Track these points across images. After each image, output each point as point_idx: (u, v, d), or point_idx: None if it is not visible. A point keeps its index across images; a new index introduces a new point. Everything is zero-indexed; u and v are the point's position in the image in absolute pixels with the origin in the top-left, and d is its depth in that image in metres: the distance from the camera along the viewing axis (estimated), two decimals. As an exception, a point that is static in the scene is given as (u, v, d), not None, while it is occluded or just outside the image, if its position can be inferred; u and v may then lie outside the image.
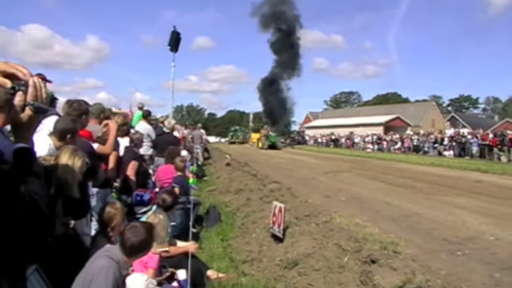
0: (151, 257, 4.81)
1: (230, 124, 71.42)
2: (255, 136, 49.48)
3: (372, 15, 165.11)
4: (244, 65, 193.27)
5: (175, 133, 13.61)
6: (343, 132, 57.72)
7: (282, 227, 6.38)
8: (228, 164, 19.57)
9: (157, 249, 4.95)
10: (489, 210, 9.15)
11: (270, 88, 60.56)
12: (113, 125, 6.22)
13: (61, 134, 4.30)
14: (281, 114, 58.73)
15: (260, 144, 42.74)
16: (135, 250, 3.83)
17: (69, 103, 5.12)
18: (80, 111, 4.77)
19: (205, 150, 24.64)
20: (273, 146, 41.02)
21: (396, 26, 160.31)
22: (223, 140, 78.97)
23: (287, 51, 57.53)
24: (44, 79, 3.68)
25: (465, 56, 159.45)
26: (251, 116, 71.27)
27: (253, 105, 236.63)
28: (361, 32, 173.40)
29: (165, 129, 12.37)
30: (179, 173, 8.45)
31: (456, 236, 6.65)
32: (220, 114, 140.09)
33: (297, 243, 6.09)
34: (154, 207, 6.20)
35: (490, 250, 5.88)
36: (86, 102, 5.37)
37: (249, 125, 65.29)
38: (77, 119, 4.57)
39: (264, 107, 63.09)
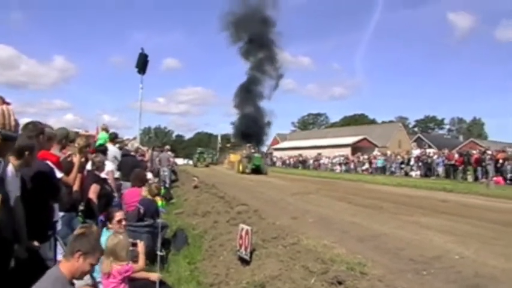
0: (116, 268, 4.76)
1: (198, 146, 70.40)
2: (234, 157, 43.45)
3: (340, 37, 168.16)
4: (212, 86, 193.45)
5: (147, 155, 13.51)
6: (311, 153, 58.21)
7: (248, 250, 6.36)
8: (195, 187, 19.47)
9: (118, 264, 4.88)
10: (454, 229, 9.31)
11: (247, 98, 56.51)
12: (77, 158, 6.21)
13: (19, 152, 4.22)
14: (258, 132, 53.34)
15: (241, 168, 36.57)
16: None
17: (24, 125, 5.07)
18: (35, 131, 4.71)
19: (173, 172, 24.45)
20: (257, 170, 35.18)
21: (363, 48, 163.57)
22: (190, 162, 78.54)
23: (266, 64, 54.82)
24: (3, 101, 3.62)
25: (431, 77, 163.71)
26: (219, 138, 71.02)
27: (222, 127, 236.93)
28: (329, 54, 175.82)
29: (128, 148, 12.27)
30: (148, 196, 8.37)
31: (422, 255, 6.73)
32: (188, 136, 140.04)
33: (263, 265, 6.07)
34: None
35: (455, 269, 5.97)
36: (40, 123, 5.31)
37: (217, 146, 63.91)
38: (33, 136, 4.50)
39: (239, 121, 57.13)
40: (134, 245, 5.49)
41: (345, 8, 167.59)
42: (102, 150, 9.27)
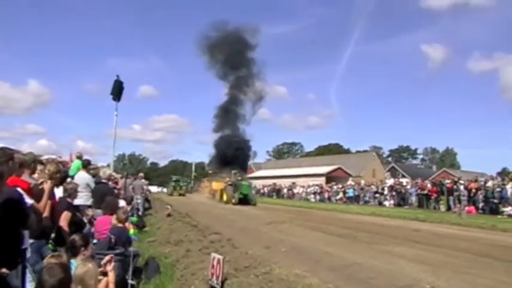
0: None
1: (173, 174, 69.52)
2: (217, 185, 40.59)
3: (315, 68, 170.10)
4: (187, 114, 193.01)
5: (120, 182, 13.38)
6: (285, 182, 58.33)
7: (220, 279, 6.34)
8: (169, 215, 19.34)
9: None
10: (426, 258, 9.43)
11: (227, 119, 53.35)
12: (48, 185, 6.17)
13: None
14: (241, 156, 49.28)
15: (225, 197, 33.50)
16: None
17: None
18: (5, 157, 4.68)
19: (147, 200, 24.23)
20: (244, 200, 31.56)
21: (338, 79, 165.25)
22: (165, 190, 77.70)
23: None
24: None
25: (404, 108, 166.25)
26: (193, 166, 70.62)
27: (196, 155, 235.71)
28: (304, 84, 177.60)
29: (101, 176, 12.16)
30: (119, 224, 8.29)
31: (394, 284, 6.81)
32: (163, 163, 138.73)
33: (235, 295, 6.07)
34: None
35: (426, 298, 6.06)
36: (10, 149, 5.28)
37: (191, 175, 62.78)
38: (2, 163, 4.48)
39: (219, 144, 52.64)
40: (104, 274, 5.43)
41: (319, 39, 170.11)
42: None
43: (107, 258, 5.53)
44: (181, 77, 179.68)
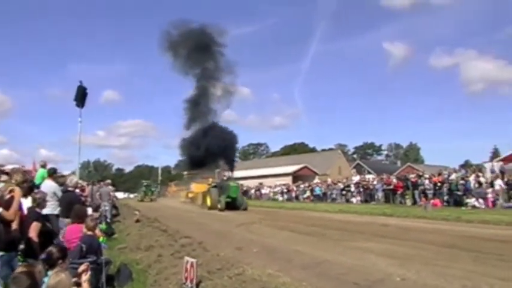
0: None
1: (139, 179, 68.24)
2: (198, 188, 36.42)
3: (278, 67, 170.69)
4: (152, 118, 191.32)
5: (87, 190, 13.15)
6: (252, 183, 58.35)
7: (194, 282, 6.32)
8: (137, 221, 19.11)
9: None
10: (395, 252, 9.62)
11: (199, 112, 46.21)
12: (17, 192, 6.04)
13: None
14: (227, 151, 39.23)
15: (209, 201, 28.59)
16: None
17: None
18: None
19: (114, 207, 23.87)
20: (233, 204, 27.29)
21: (302, 78, 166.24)
22: (132, 195, 76.45)
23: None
24: None
25: (368, 105, 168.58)
26: (160, 170, 69.71)
27: (162, 159, 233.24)
28: (268, 84, 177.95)
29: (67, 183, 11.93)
30: (89, 232, 8.15)
31: (366, 279, 6.91)
32: (128, 169, 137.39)
33: (210, 297, 6.06)
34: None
35: (398, 291, 6.17)
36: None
37: (157, 179, 60.94)
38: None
39: (194, 140, 43.55)
40: (78, 284, 5.34)
41: (282, 39, 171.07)
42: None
43: (82, 267, 5.44)
44: (145, 81, 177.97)
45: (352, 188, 36.89)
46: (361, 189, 35.66)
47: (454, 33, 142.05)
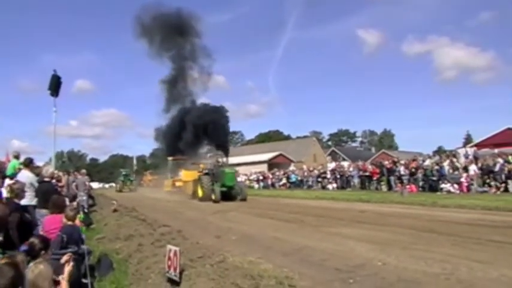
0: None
1: (114, 169, 67.37)
2: (187, 175, 31.91)
3: (252, 55, 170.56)
4: (126, 108, 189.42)
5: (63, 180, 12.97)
6: (227, 171, 58.11)
7: (178, 271, 6.29)
8: (115, 210, 18.96)
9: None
10: (374, 238, 9.72)
11: (178, 94, 43.64)
12: None
13: None
14: (218, 133, 33.05)
15: (201, 191, 25.09)
16: None
17: None
18: None
19: (90, 197, 23.62)
20: (229, 194, 24.41)
21: (276, 66, 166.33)
22: (107, 185, 75.67)
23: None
24: None
25: (342, 92, 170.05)
26: (135, 160, 68.88)
27: (137, 148, 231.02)
28: (243, 72, 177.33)
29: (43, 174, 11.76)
30: (69, 222, 8.04)
31: (347, 264, 6.97)
32: (103, 159, 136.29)
33: (194, 285, 6.03)
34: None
35: (379, 275, 6.23)
36: None
37: (132, 168, 59.54)
38: None
39: (177, 121, 38.82)
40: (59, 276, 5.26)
41: (255, 26, 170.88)
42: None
43: (65, 257, 5.37)
44: (119, 70, 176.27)
45: (328, 175, 37.15)
46: (337, 176, 35.96)
47: (427, 20, 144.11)
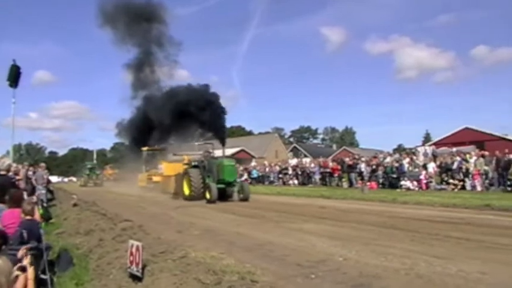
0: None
1: (73, 162, 66.01)
2: (169, 168, 27.27)
3: (216, 50, 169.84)
4: (87, 100, 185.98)
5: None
6: (188, 166, 57.74)
7: (140, 266, 6.22)
8: (75, 205, 18.64)
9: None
10: (335, 233, 9.84)
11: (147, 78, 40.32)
12: None
13: None
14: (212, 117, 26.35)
15: (187, 189, 21.13)
16: None
17: None
18: None
19: (49, 191, 23.12)
20: (224, 192, 20.25)
21: (240, 61, 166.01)
22: (66, 179, 74.19)
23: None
24: None
25: (305, 89, 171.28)
26: (95, 154, 67.61)
27: (98, 142, 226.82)
28: (206, 67, 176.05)
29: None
30: (27, 217, 7.84)
31: (308, 260, 7.02)
32: (62, 152, 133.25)
33: (157, 280, 5.98)
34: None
35: (341, 270, 6.30)
36: None
37: (90, 163, 58.08)
38: None
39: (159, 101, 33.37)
40: (24, 269, 5.14)
41: (220, 21, 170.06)
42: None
43: (20, 252, 5.25)
44: (81, 62, 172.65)
45: (290, 171, 37.42)
46: (299, 172, 36.25)
47: (389, 19, 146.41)
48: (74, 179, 77.61)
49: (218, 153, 24.98)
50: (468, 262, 6.62)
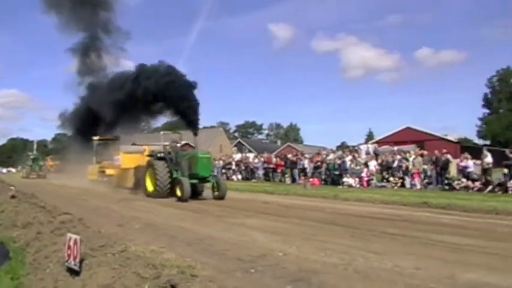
0: None
1: (12, 153, 63.61)
2: (127, 161, 23.87)
3: (163, 42, 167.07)
4: (28, 89, 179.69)
5: None
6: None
7: (78, 260, 6.09)
8: (13, 197, 17.99)
9: None
10: (277, 229, 9.94)
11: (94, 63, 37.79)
12: None
13: None
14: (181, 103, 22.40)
15: (151, 184, 18.72)
16: None
17: None
18: None
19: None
20: (195, 189, 18.06)
21: (186, 54, 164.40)
22: (4, 170, 71.66)
23: None
24: None
25: (251, 84, 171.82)
26: (35, 145, 65.16)
27: (38, 132, 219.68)
28: (152, 59, 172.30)
29: None
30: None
31: (249, 254, 7.07)
32: (0, 142, 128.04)
33: (95, 274, 5.88)
34: None
35: (280, 265, 6.37)
36: None
37: (33, 153, 55.16)
38: None
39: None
40: None
41: (168, 12, 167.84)
42: None
43: None
44: (22, 49, 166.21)
45: (234, 166, 37.50)
46: (242, 167, 36.38)
47: (338, 18, 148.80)
48: (13, 169, 75.09)
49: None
50: (403, 258, 6.83)
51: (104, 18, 38.55)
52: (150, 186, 18.78)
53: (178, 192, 16.87)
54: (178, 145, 20.94)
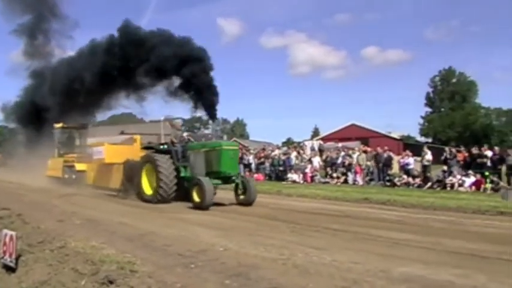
0: None
1: None
2: (113, 153, 17.71)
3: (110, 33, 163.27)
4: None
5: None
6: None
7: (14, 256, 5.97)
8: None
9: None
10: (218, 224, 10.05)
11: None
12: None
13: None
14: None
15: (148, 186, 14.74)
16: None
17: None
18: None
19: None
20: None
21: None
22: None
23: None
24: None
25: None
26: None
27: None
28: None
29: None
30: None
31: (189, 250, 7.09)
32: None
33: (31, 271, 5.81)
34: None
35: (220, 260, 6.44)
36: None
37: None
38: None
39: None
40: None
41: (115, 5, 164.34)
42: None
43: None
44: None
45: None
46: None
47: (287, 15, 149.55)
48: None
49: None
50: (342, 252, 7.03)
51: (51, 2, 36.75)
52: (148, 189, 14.77)
53: (196, 198, 12.95)
54: (185, 134, 17.41)
